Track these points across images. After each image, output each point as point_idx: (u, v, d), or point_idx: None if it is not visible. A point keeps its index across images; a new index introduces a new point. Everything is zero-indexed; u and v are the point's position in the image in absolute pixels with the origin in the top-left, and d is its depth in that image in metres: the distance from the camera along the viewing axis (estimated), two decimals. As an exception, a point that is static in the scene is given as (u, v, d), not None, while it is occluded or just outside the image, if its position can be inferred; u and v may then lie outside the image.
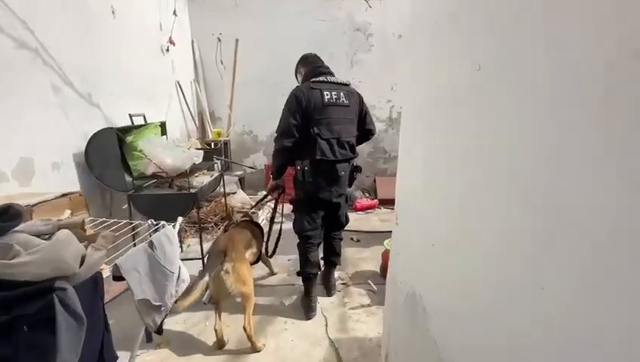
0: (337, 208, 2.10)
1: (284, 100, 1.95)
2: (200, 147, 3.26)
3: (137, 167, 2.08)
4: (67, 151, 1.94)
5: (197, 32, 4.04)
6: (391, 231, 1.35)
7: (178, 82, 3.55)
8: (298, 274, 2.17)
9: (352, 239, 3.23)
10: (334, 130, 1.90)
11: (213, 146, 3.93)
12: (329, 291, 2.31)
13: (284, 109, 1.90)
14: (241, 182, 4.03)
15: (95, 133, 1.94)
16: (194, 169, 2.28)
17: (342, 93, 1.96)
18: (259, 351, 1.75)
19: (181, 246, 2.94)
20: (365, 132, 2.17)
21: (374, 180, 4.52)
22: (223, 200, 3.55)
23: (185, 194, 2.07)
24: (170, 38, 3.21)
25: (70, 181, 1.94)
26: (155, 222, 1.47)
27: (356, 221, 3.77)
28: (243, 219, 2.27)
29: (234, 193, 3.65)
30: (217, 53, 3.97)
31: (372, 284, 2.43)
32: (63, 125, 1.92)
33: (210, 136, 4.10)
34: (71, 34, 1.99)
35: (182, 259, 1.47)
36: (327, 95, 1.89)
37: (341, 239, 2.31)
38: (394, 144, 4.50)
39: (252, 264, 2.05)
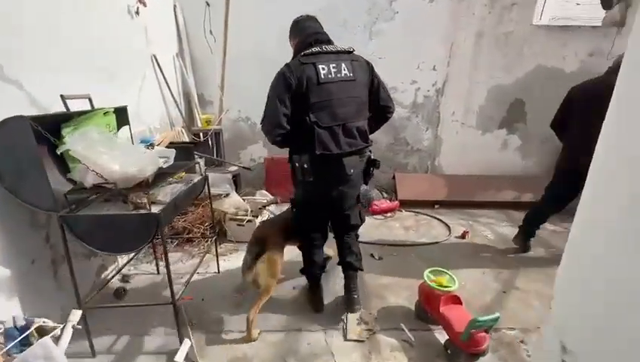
0: (346, 217, 1.81)
1: None
2: (178, 142, 2.56)
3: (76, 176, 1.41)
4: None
5: (179, -7, 3.27)
6: (422, 244, 1.58)
7: (154, 56, 2.82)
8: (302, 271, 2.00)
9: (371, 256, 2.58)
10: (337, 114, 1.55)
11: (202, 137, 3.24)
12: (351, 305, 1.90)
13: (269, 93, 1.58)
14: (236, 181, 3.36)
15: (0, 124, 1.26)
16: (161, 175, 1.61)
17: (344, 65, 1.59)
18: (253, 341, 1.71)
19: (157, 268, 2.32)
20: (381, 110, 1.77)
21: (393, 177, 3.83)
22: (216, 199, 2.90)
23: (142, 215, 1.40)
24: (139, -5, 2.47)
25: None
26: (17, 324, 0.81)
27: (374, 228, 3.12)
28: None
29: (226, 195, 2.99)
30: (206, 20, 3.21)
31: (407, 331, 1.79)
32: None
33: (199, 125, 3.41)
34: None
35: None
36: (323, 70, 1.52)
37: (357, 236, 1.98)
38: (418, 134, 3.79)
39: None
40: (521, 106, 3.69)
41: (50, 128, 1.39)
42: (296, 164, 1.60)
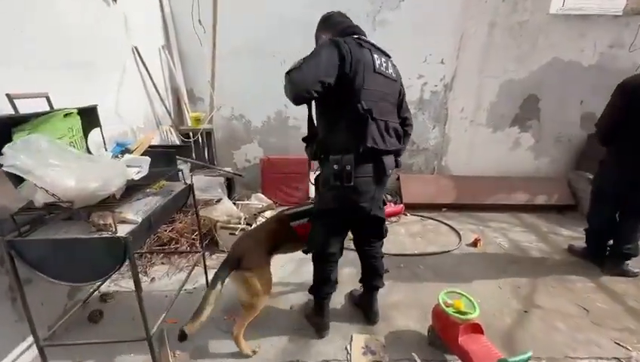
0: (379, 222, 1.66)
1: (282, 74, 1.31)
2: (159, 145, 2.31)
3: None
4: None
5: (163, -22, 2.98)
6: (430, 254, 1.72)
7: (136, 48, 2.55)
8: (310, 291, 1.75)
9: (377, 268, 2.35)
10: (383, 109, 1.41)
11: (192, 137, 2.99)
12: (373, 317, 1.82)
13: (317, 49, 1.31)
14: (230, 184, 3.12)
15: None
16: (133, 187, 1.37)
17: (389, 63, 1.49)
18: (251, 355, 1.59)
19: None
20: (401, 121, 1.63)
21: (398, 178, 3.59)
22: (207, 206, 2.66)
23: (107, 239, 1.17)
24: (116, -21, 2.20)
25: None
26: None
27: (379, 237, 2.88)
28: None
29: (217, 201, 2.75)
30: (194, 9, 2.94)
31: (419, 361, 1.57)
32: None
33: (189, 124, 3.15)
34: None
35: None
36: (377, 59, 1.38)
37: (382, 256, 1.81)
38: (424, 133, 3.55)
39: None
40: (535, 102, 3.45)
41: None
42: (335, 167, 1.35)
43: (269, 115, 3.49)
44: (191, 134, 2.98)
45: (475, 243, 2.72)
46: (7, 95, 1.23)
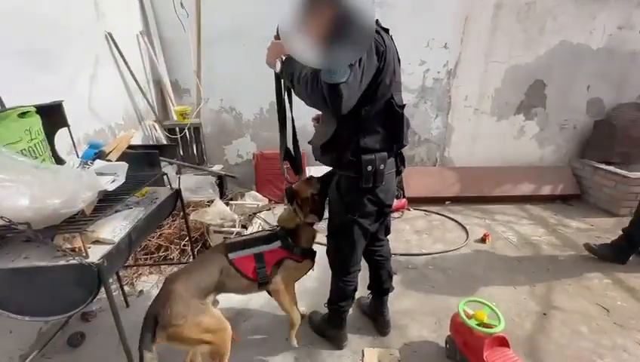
0: (387, 219, 1.53)
1: None
2: (139, 145, 2.09)
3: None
4: None
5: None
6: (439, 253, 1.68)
7: (110, 35, 2.27)
8: (330, 305, 1.59)
9: (384, 271, 2.20)
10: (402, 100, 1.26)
11: (178, 133, 2.75)
12: (384, 327, 1.69)
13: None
14: (222, 183, 2.90)
15: None
16: (110, 198, 1.16)
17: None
18: None
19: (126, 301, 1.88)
20: None
21: (399, 171, 3.41)
22: (199, 209, 2.46)
23: (75, 266, 0.96)
24: (80, -46, 1.90)
25: None
26: None
27: (383, 235, 2.73)
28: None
29: (209, 202, 2.54)
30: (175, -9, 2.65)
31: (440, 381, 1.44)
32: None
33: (174, 118, 2.90)
34: None
35: None
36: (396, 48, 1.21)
37: (389, 256, 1.68)
38: (427, 122, 3.37)
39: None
40: (541, 88, 3.29)
41: None
42: (368, 168, 1.19)
43: (262, 107, 3.25)
44: (177, 130, 2.73)
45: (483, 240, 2.59)
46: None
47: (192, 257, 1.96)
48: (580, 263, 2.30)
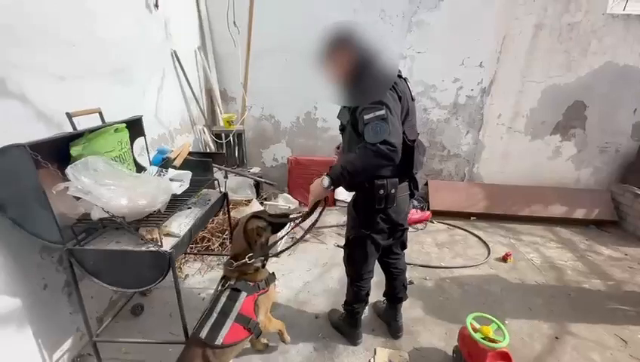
0: (404, 234, 1.66)
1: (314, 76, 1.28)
2: (198, 152, 2.40)
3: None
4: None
5: (201, -19, 3.03)
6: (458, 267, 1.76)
7: (175, 52, 2.64)
8: (346, 306, 1.79)
9: (401, 279, 2.35)
10: (415, 131, 1.45)
11: (224, 138, 3.08)
12: (396, 332, 1.86)
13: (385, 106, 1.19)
14: (258, 183, 3.19)
15: (-1, 152, 1.12)
16: (176, 199, 1.45)
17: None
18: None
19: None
20: None
21: (426, 183, 3.52)
22: (238, 207, 2.76)
23: (153, 252, 1.25)
24: (158, -14, 2.26)
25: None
26: None
27: (404, 245, 2.87)
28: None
29: (247, 201, 2.84)
30: (229, 11, 2.97)
31: (443, 384, 1.58)
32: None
33: (221, 124, 3.24)
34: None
35: None
36: (410, 86, 1.40)
37: (405, 268, 1.81)
38: (457, 138, 3.43)
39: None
40: (581, 110, 3.22)
41: (56, 149, 1.26)
42: (380, 192, 1.37)
43: (299, 116, 3.51)
44: (223, 135, 3.07)
45: (505, 259, 2.63)
46: (67, 114, 1.33)
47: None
48: (605, 293, 2.28)
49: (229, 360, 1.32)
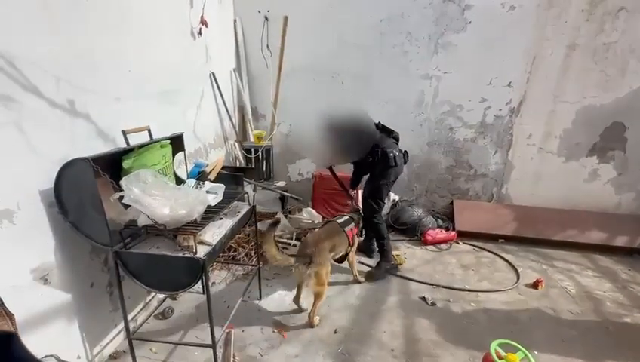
0: None
1: (342, 94, 1.83)
2: (230, 167, 2.56)
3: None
4: (28, 191, 1.32)
5: (238, 9, 3.29)
6: (484, 291, 1.88)
7: (213, 74, 2.87)
8: (379, 241, 2.66)
9: (422, 299, 2.32)
10: None
11: (253, 153, 3.25)
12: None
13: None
14: (283, 196, 3.31)
15: (66, 164, 1.30)
16: (211, 211, 1.57)
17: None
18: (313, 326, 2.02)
19: (202, 288, 2.32)
20: None
21: (451, 203, 3.46)
22: (264, 220, 2.88)
23: (188, 258, 1.37)
24: (202, 17, 2.50)
25: (32, 236, 1.34)
26: None
27: (426, 263, 2.84)
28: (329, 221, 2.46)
29: (273, 214, 2.95)
30: (263, 35, 3.19)
31: (465, 412, 1.53)
32: (21, 153, 1.29)
33: (251, 140, 3.42)
34: (32, 9, 1.33)
35: None
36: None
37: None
38: (484, 157, 3.38)
39: (338, 263, 2.41)
40: (621, 131, 3.07)
41: (110, 161, 1.43)
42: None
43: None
44: (252, 150, 3.24)
45: (536, 285, 2.51)
46: (123, 131, 1.51)
47: (257, 260, 2.35)
48: (648, 328, 2.11)
49: (330, 255, 2.14)
